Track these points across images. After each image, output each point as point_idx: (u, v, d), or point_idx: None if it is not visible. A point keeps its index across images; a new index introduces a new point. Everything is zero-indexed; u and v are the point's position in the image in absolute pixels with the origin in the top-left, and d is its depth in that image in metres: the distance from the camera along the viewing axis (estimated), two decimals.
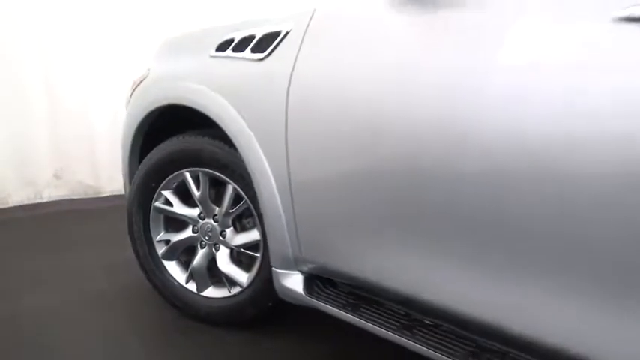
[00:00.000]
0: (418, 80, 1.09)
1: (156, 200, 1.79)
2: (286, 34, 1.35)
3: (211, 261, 1.74)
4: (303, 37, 1.31)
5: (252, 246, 1.65)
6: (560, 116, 0.88)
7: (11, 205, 3.17)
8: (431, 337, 1.18)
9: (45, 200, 3.27)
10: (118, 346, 1.65)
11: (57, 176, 3.27)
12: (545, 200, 0.92)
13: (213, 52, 1.57)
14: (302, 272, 1.43)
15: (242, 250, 1.68)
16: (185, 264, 1.82)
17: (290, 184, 1.35)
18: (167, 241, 1.82)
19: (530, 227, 0.95)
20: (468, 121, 1.00)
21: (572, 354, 0.95)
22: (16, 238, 2.67)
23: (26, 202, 3.22)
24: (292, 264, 1.43)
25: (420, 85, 1.08)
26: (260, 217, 1.51)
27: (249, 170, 1.45)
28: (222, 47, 1.54)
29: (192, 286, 1.79)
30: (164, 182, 1.76)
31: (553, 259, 0.94)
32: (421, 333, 1.21)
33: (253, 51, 1.43)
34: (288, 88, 1.32)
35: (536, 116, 0.91)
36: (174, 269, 1.83)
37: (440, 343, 1.16)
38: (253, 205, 1.56)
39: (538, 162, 0.92)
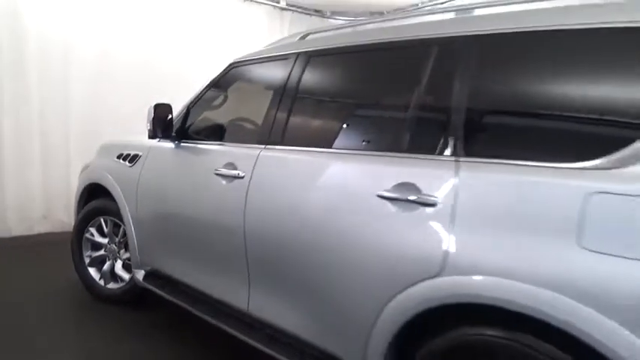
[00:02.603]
0: (179, 180, 2.59)
1: (86, 233, 3.29)
2: (140, 156, 2.89)
3: (112, 268, 3.22)
4: (146, 158, 2.84)
5: None
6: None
7: (13, 235, 4.69)
8: (195, 301, 2.56)
9: (35, 233, 4.79)
10: (56, 310, 3.11)
11: (44, 217, 4.81)
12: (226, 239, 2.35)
13: (114, 158, 3.11)
14: (144, 270, 2.89)
15: (128, 261, 3.16)
16: (99, 269, 3.29)
17: (137, 224, 2.85)
18: (90, 256, 3.30)
19: (225, 251, 2.36)
20: (193, 200, 2.47)
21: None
22: (16, 256, 4.17)
23: (23, 234, 4.73)
24: (139, 266, 2.89)
25: (178, 183, 2.59)
26: None
27: (123, 216, 2.94)
28: (119, 157, 3.08)
29: (102, 282, 3.25)
30: (90, 222, 3.26)
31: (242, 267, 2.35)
32: (187, 297, 2.63)
33: (128, 161, 2.97)
34: (139, 179, 2.84)
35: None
36: (93, 272, 3.29)
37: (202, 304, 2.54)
38: None
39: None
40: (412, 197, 1.55)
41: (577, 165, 1.30)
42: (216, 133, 2.59)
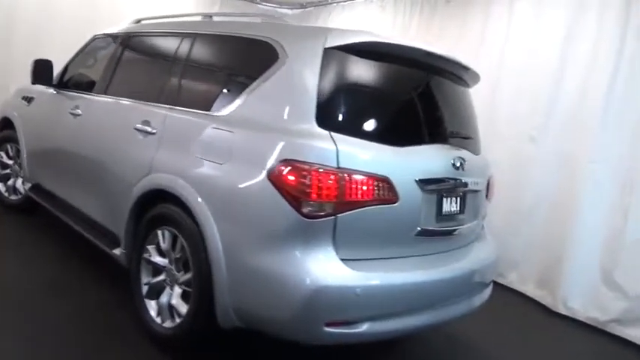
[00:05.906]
0: (50, 117, 3.56)
1: None
2: (34, 98, 3.86)
3: (15, 184, 4.21)
4: (36, 100, 3.81)
5: None
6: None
7: None
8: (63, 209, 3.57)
9: None
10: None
11: None
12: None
13: (20, 99, 4.06)
14: (30, 183, 3.87)
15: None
16: (5, 184, 4.27)
17: (27, 149, 3.82)
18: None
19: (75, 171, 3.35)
20: (55, 131, 3.46)
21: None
22: None
23: None
24: (27, 180, 3.87)
25: (50, 118, 3.56)
26: None
27: (19, 143, 3.91)
28: (23, 98, 4.03)
29: (7, 194, 4.24)
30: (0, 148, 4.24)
31: (77, 180, 3.34)
32: (51, 200, 3.62)
33: (27, 101, 3.93)
34: (30, 115, 3.81)
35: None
36: (1, 186, 4.28)
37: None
38: None
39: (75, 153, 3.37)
40: (147, 129, 2.56)
41: (209, 113, 2.32)
42: (79, 84, 3.55)
